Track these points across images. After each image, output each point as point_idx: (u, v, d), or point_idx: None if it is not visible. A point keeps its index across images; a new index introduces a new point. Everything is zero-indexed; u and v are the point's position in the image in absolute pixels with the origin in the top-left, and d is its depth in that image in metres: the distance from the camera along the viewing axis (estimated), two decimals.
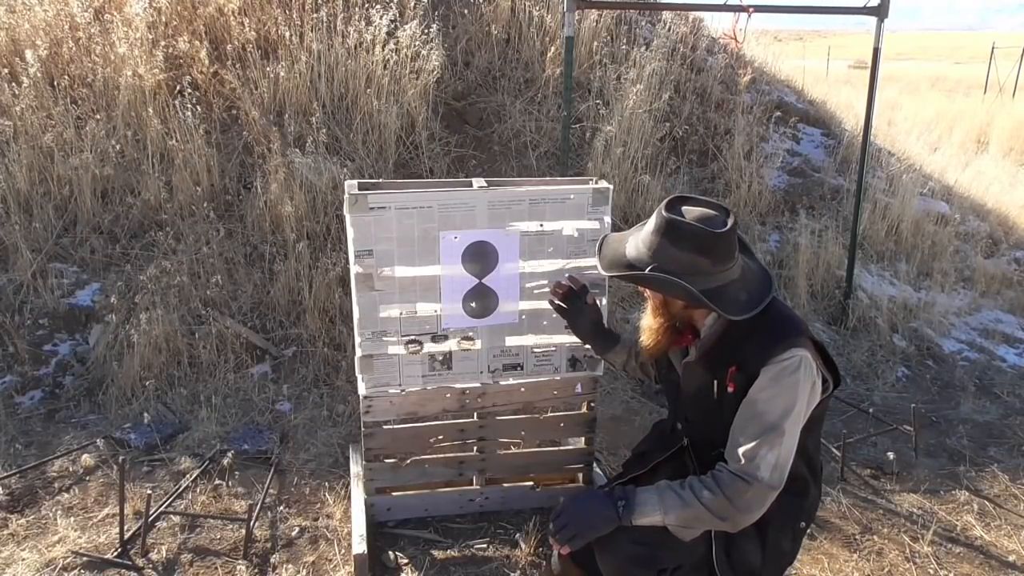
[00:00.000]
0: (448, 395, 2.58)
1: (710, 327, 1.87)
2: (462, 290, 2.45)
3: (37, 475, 3.01)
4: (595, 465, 2.86)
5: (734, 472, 1.74)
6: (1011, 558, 2.72)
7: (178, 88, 4.44)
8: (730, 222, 1.77)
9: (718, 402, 1.84)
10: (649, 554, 1.80)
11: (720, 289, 1.76)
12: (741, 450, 1.74)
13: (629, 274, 1.83)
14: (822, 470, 2.03)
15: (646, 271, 1.78)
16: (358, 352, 2.45)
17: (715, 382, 1.85)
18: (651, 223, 1.82)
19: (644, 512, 1.79)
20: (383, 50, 4.61)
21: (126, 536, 2.59)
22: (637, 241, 1.85)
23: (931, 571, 2.63)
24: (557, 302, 2.33)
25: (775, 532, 1.86)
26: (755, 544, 1.85)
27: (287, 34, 4.60)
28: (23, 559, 2.53)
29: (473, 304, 2.47)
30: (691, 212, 1.80)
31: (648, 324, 1.93)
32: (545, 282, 2.49)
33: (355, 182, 2.38)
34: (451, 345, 2.51)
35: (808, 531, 2.77)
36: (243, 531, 2.62)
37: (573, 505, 1.84)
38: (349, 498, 2.81)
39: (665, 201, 1.82)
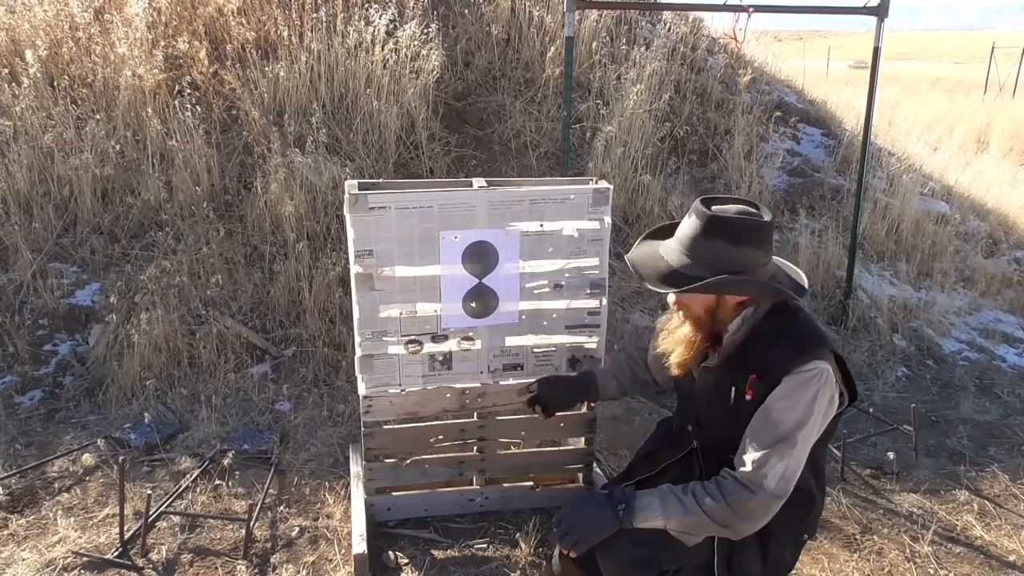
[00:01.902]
0: (448, 395, 2.58)
1: (733, 333, 1.84)
2: (462, 290, 2.45)
3: (37, 475, 3.01)
4: (595, 465, 2.86)
5: (739, 480, 1.73)
6: (1011, 558, 2.72)
7: (178, 88, 4.44)
8: (763, 208, 1.79)
9: (735, 409, 1.82)
10: (650, 556, 1.79)
11: (772, 279, 1.79)
12: (751, 457, 1.73)
13: (699, 286, 1.72)
14: (825, 481, 2.03)
15: (714, 279, 1.71)
16: (358, 352, 2.45)
17: (733, 389, 1.82)
18: (693, 228, 1.75)
19: (645, 516, 1.78)
20: (383, 50, 4.61)
21: (126, 536, 2.59)
22: (681, 250, 1.78)
23: (931, 571, 2.63)
24: (538, 407, 2.42)
25: (777, 543, 1.86)
26: (756, 554, 1.84)
27: (286, 34, 4.61)
28: (23, 559, 2.53)
29: (473, 304, 2.47)
30: (728, 211, 1.77)
31: (683, 336, 1.87)
32: (546, 282, 2.49)
33: (355, 182, 2.38)
34: (451, 345, 2.51)
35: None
36: (243, 531, 2.62)
37: (574, 511, 1.84)
38: (349, 498, 2.81)
39: (699, 204, 1.76)
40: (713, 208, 1.76)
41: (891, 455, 3.26)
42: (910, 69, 23.97)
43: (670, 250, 1.81)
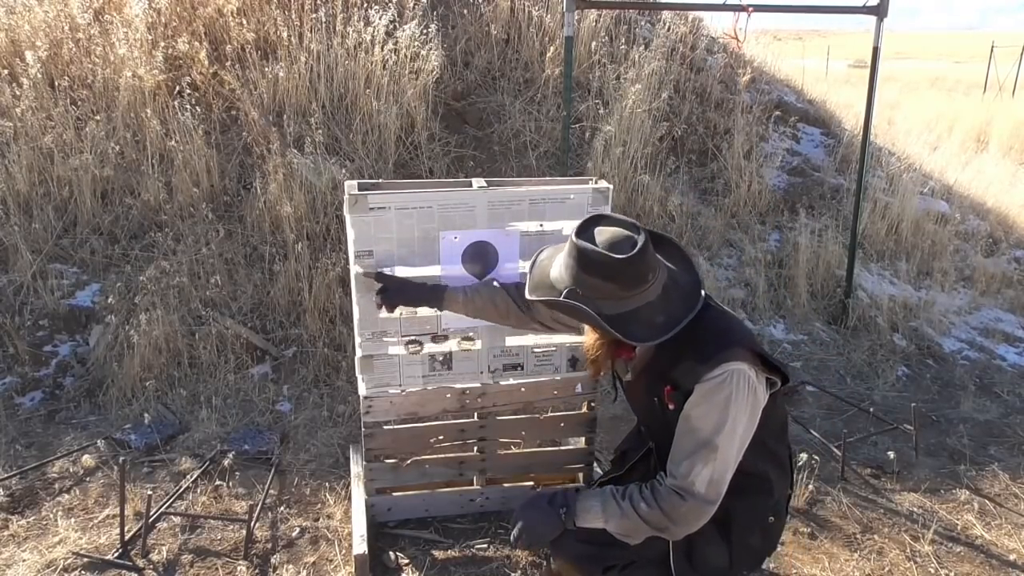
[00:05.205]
0: (448, 395, 2.58)
1: (641, 346, 1.85)
2: None
3: (37, 476, 3.01)
4: (595, 465, 2.86)
5: (671, 487, 1.76)
6: (1012, 557, 2.72)
7: (177, 89, 4.44)
8: (639, 244, 1.71)
9: (663, 416, 1.85)
10: (596, 552, 1.87)
11: (631, 314, 1.73)
12: (677, 466, 1.76)
13: (546, 299, 1.82)
14: (792, 460, 2.03)
15: (560, 297, 1.76)
16: (358, 352, 2.45)
17: (655, 399, 1.86)
18: (566, 246, 1.79)
19: (586, 519, 1.85)
20: (382, 50, 4.61)
21: (127, 537, 2.59)
22: (560, 263, 1.82)
23: (932, 570, 2.63)
24: (381, 300, 2.30)
25: (740, 532, 1.88)
26: (718, 544, 1.87)
27: (286, 35, 4.61)
28: (24, 560, 2.53)
29: None
30: (602, 234, 1.75)
31: (586, 341, 1.96)
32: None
33: (355, 182, 2.38)
34: (451, 345, 2.51)
35: (808, 530, 2.78)
36: (244, 532, 2.62)
37: (521, 515, 1.93)
38: (350, 498, 2.81)
39: (580, 222, 1.80)
40: (595, 229, 1.77)
41: (891, 454, 3.26)
42: (909, 68, 23.97)
43: (558, 261, 1.83)
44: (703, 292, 1.81)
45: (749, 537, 1.90)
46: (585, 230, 1.78)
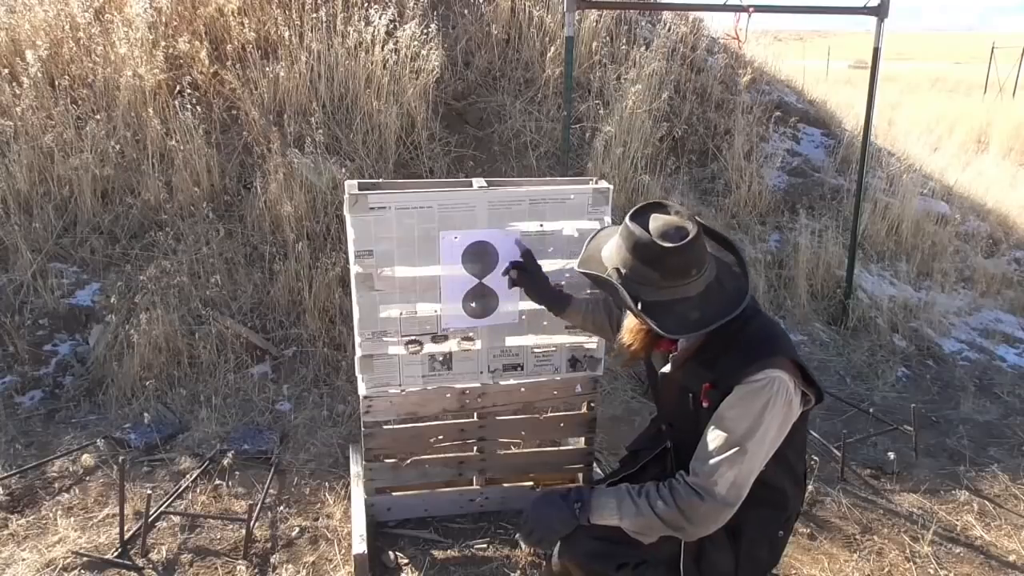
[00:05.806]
0: (448, 395, 2.58)
1: (687, 339, 1.84)
2: (462, 290, 2.45)
3: (37, 475, 3.01)
4: (595, 465, 2.86)
5: (691, 485, 1.75)
6: (1011, 558, 2.72)
7: (178, 88, 4.44)
8: (689, 236, 1.71)
9: (695, 414, 1.84)
10: (607, 549, 1.84)
11: (666, 304, 1.73)
12: (702, 464, 1.75)
13: (589, 273, 1.86)
14: (807, 475, 2.03)
15: (603, 274, 1.80)
16: (358, 352, 2.45)
17: (691, 396, 1.85)
18: (620, 227, 1.81)
19: (601, 515, 1.84)
20: (383, 50, 4.61)
21: (126, 536, 2.59)
22: (613, 243, 1.85)
23: (931, 571, 2.63)
24: (516, 276, 2.35)
25: (749, 543, 1.87)
26: (727, 553, 1.86)
27: (287, 34, 4.61)
28: (23, 559, 2.53)
29: (473, 304, 2.47)
30: (656, 220, 1.76)
31: (628, 324, 1.92)
32: None
33: (355, 182, 2.38)
34: (451, 345, 2.51)
35: (808, 531, 2.78)
36: (243, 531, 2.62)
37: (534, 511, 1.90)
38: (349, 498, 2.81)
39: (639, 205, 1.81)
40: (651, 215, 1.78)
41: (891, 455, 3.26)
42: (910, 69, 23.97)
43: (612, 241, 1.86)
44: (747, 299, 1.79)
45: (757, 549, 1.89)
46: (641, 214, 1.79)
